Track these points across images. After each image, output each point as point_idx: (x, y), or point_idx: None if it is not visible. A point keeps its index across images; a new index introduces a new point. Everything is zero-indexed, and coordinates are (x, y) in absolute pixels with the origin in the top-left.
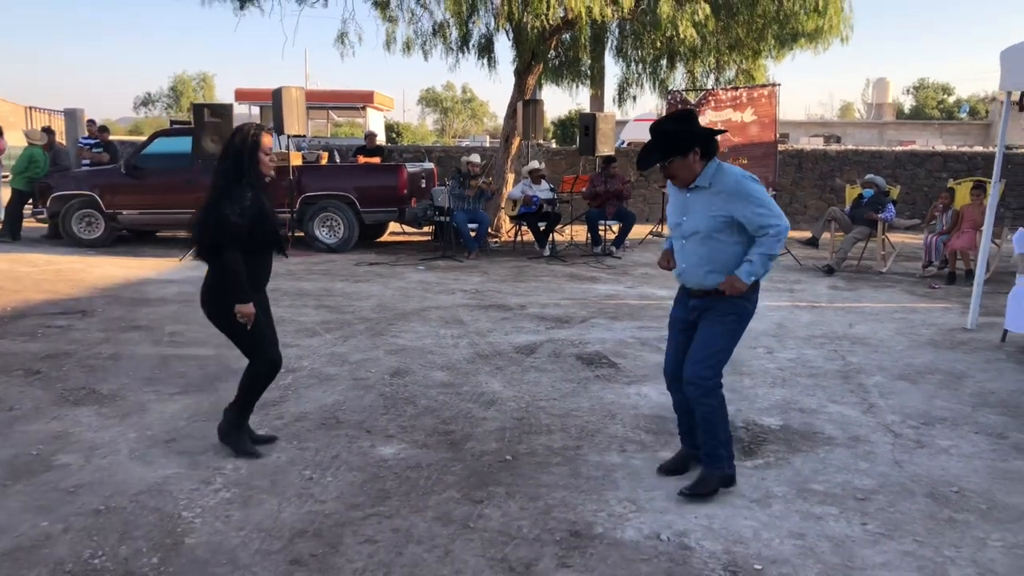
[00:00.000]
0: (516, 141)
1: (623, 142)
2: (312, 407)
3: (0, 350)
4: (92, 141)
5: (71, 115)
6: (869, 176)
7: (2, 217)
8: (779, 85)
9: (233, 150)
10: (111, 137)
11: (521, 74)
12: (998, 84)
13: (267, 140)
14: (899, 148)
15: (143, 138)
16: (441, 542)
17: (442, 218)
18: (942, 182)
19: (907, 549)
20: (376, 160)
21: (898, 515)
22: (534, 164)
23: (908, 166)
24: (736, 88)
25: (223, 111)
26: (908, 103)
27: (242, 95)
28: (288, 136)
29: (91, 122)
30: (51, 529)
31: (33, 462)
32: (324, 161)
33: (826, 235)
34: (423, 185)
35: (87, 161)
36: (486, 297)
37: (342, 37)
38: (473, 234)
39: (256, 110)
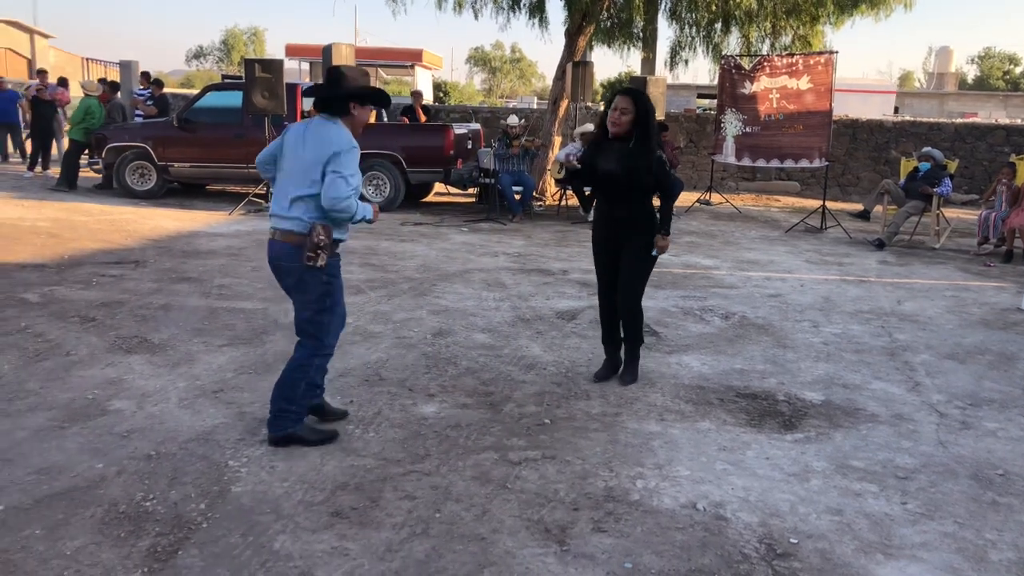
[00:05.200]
0: (564, 103)
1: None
2: (356, 363)
3: (58, 297)
4: (146, 92)
5: (126, 67)
6: (926, 149)
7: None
8: (836, 53)
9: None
10: (165, 90)
11: (572, 35)
12: None
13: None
14: (959, 120)
15: (195, 91)
16: (479, 501)
17: (487, 180)
18: (1004, 157)
19: (947, 530)
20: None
21: (939, 495)
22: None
23: (968, 139)
24: (792, 55)
25: (274, 67)
26: (972, 73)
27: (292, 50)
28: None
29: (144, 74)
30: (106, 471)
31: (89, 406)
32: (372, 120)
33: (878, 208)
34: (469, 146)
35: (140, 113)
36: (529, 261)
37: None
38: (518, 197)
39: (306, 66)
